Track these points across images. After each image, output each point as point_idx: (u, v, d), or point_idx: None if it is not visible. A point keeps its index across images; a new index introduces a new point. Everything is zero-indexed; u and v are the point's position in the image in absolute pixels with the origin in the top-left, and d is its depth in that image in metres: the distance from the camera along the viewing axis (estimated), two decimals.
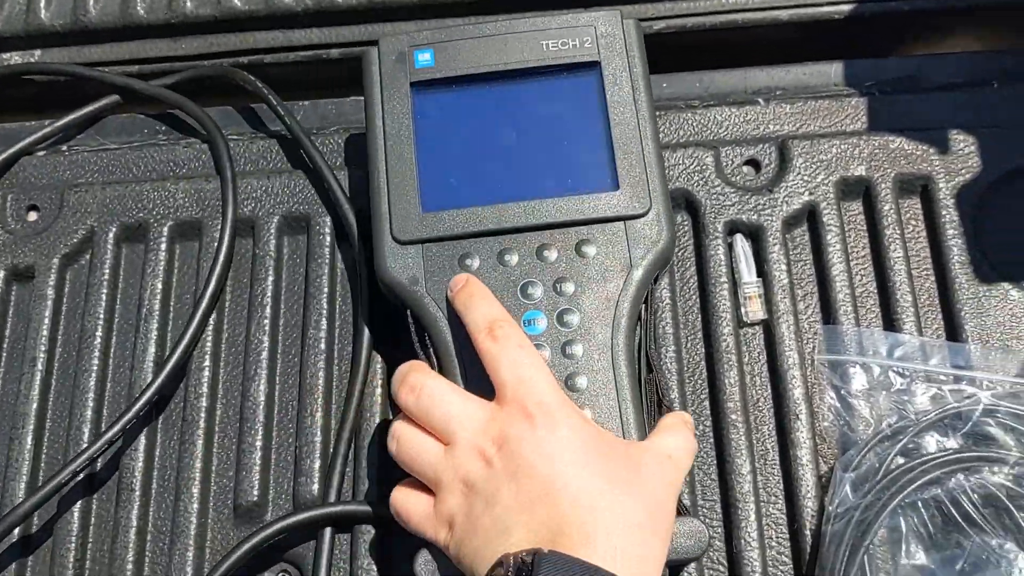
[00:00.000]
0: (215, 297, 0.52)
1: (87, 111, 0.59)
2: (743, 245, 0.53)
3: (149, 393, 0.49)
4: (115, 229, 0.55)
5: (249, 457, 0.50)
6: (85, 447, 0.48)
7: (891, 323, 0.51)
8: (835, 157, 0.54)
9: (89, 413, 0.51)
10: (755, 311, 0.51)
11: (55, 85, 0.62)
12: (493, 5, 0.60)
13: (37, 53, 0.63)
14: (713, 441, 0.49)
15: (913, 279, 0.52)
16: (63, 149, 0.60)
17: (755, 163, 0.55)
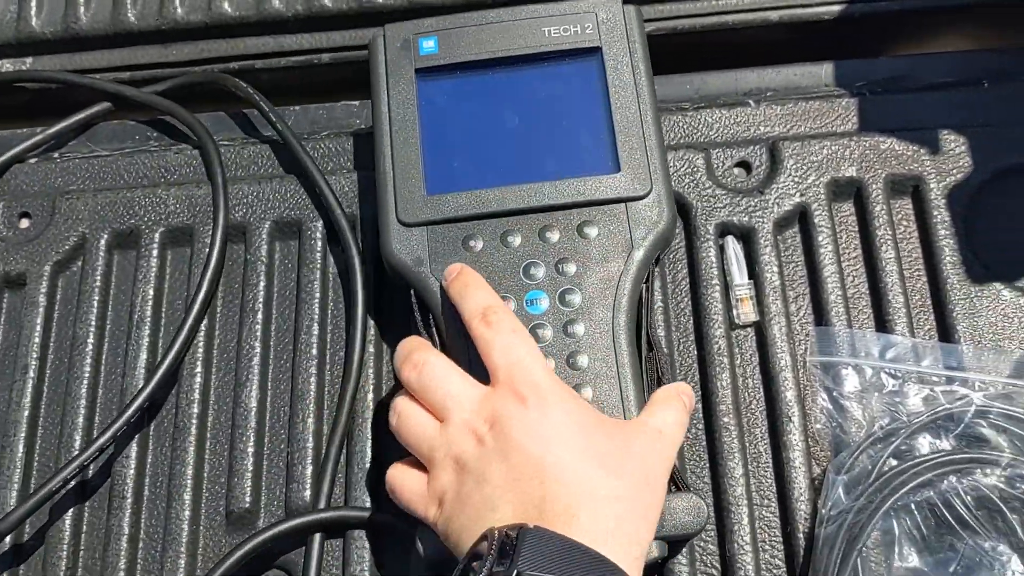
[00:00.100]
0: (206, 303, 0.52)
1: (78, 118, 0.59)
2: (734, 247, 0.53)
3: (140, 400, 0.49)
4: (107, 236, 0.55)
5: (241, 463, 0.50)
6: (76, 454, 0.48)
7: (883, 324, 0.51)
8: (826, 158, 0.54)
9: (81, 420, 0.51)
10: (747, 313, 0.51)
11: (46, 92, 0.62)
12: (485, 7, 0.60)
13: (28, 60, 0.63)
14: (706, 444, 0.49)
15: (905, 280, 0.52)
16: (54, 156, 0.60)
17: (746, 165, 0.55)
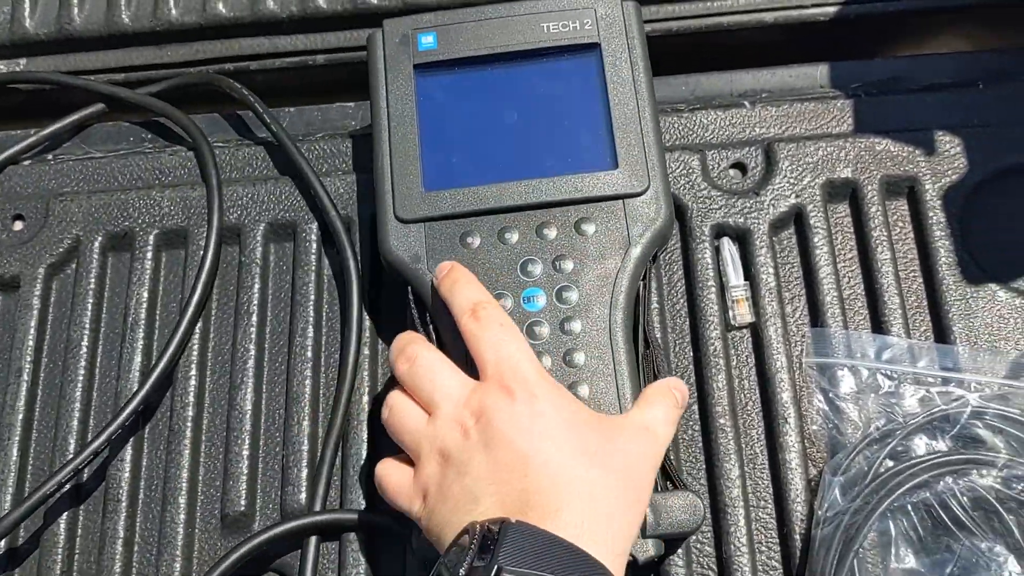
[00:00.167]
0: (201, 305, 0.52)
1: (72, 119, 0.59)
2: (730, 248, 0.53)
3: (135, 403, 0.48)
4: (101, 238, 0.55)
5: (236, 466, 0.49)
6: (71, 457, 0.47)
7: (879, 325, 0.51)
8: (821, 159, 0.54)
9: (75, 423, 0.51)
10: (743, 314, 0.51)
11: (40, 93, 0.62)
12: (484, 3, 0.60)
13: (22, 62, 0.62)
14: (702, 445, 0.49)
15: (901, 281, 0.52)
16: (48, 158, 0.60)
17: (741, 166, 0.55)
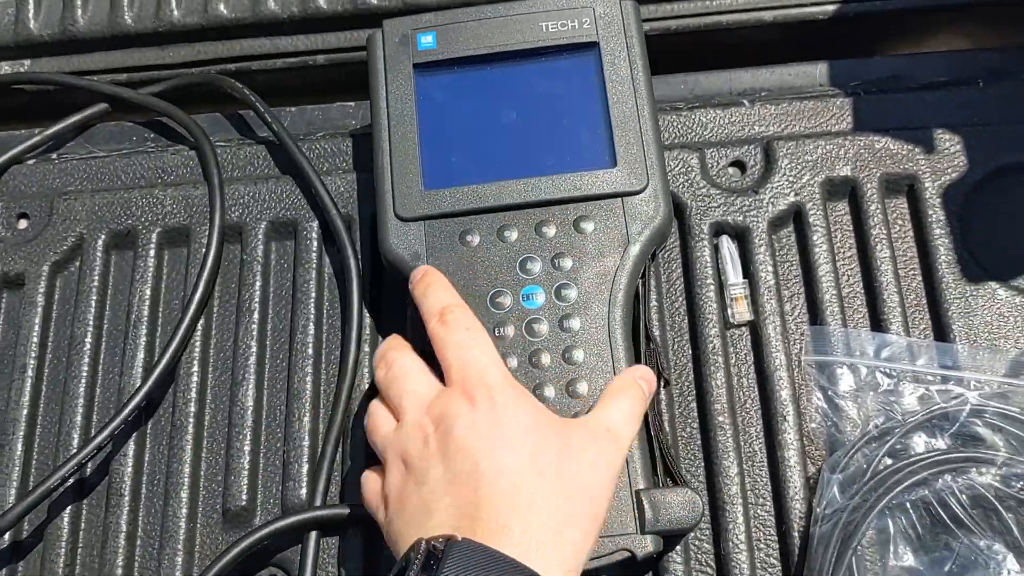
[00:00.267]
0: (203, 303, 0.53)
1: (76, 119, 0.59)
2: (729, 246, 0.53)
3: (138, 399, 0.49)
4: (104, 236, 0.56)
5: (238, 462, 0.50)
6: (75, 452, 0.48)
7: (878, 323, 0.51)
8: (820, 157, 0.54)
9: (79, 419, 0.51)
10: (741, 312, 0.51)
11: (44, 94, 0.62)
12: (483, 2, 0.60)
13: (26, 63, 0.63)
14: (701, 443, 0.49)
15: (900, 279, 0.52)
16: (53, 157, 0.60)
17: (740, 164, 0.55)
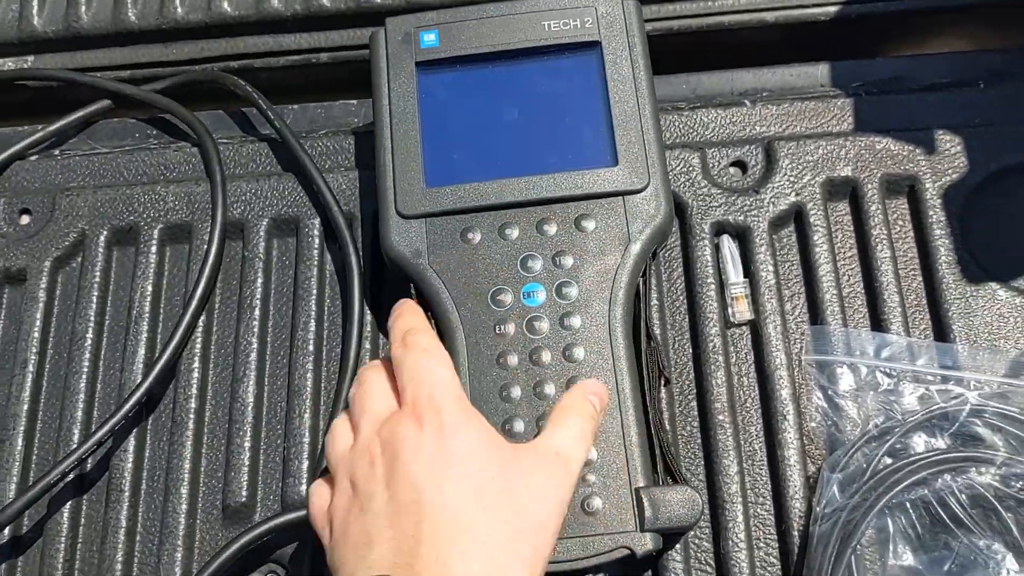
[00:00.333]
0: (204, 299, 0.53)
1: (79, 116, 0.60)
2: (730, 246, 0.53)
3: (138, 394, 0.49)
4: (106, 232, 0.56)
5: (238, 458, 0.50)
6: (75, 448, 0.48)
7: (878, 323, 0.51)
8: (821, 158, 0.54)
9: (79, 414, 0.51)
10: (742, 311, 0.51)
11: (48, 90, 0.63)
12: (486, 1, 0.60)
13: (30, 59, 0.63)
14: (701, 442, 0.49)
15: (900, 279, 0.52)
16: (55, 153, 0.60)
17: (741, 164, 0.55)
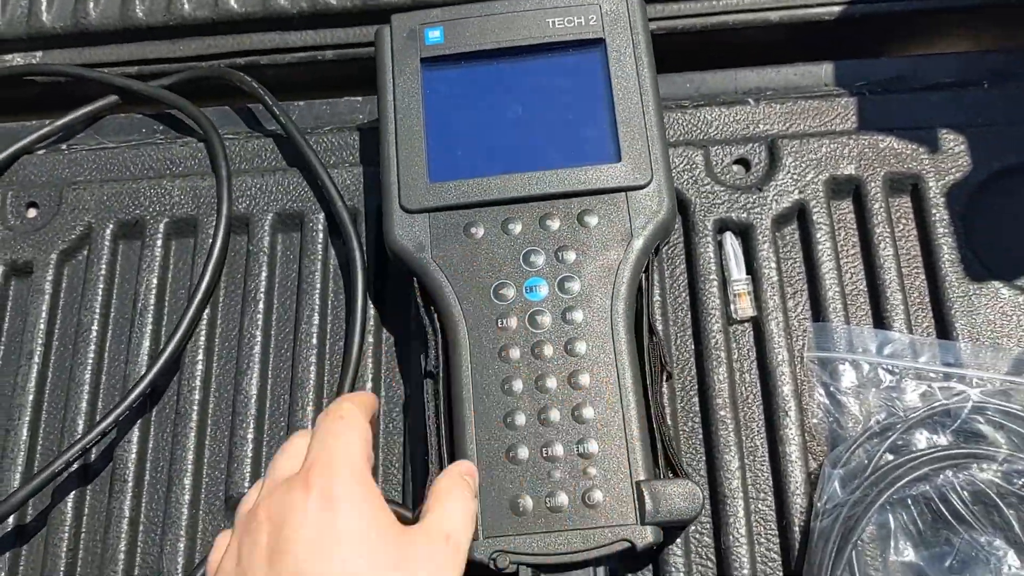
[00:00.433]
0: (209, 292, 0.53)
1: (86, 111, 0.60)
2: (732, 243, 0.53)
3: (143, 385, 0.49)
4: (112, 226, 0.56)
5: (241, 450, 0.50)
6: (79, 437, 0.48)
7: (881, 321, 0.51)
8: (825, 156, 0.54)
9: (84, 405, 0.52)
10: (744, 308, 0.52)
11: (55, 86, 0.63)
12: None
13: (38, 54, 0.64)
14: (702, 437, 0.49)
15: (903, 277, 0.52)
16: (62, 148, 0.61)
17: (745, 162, 0.55)
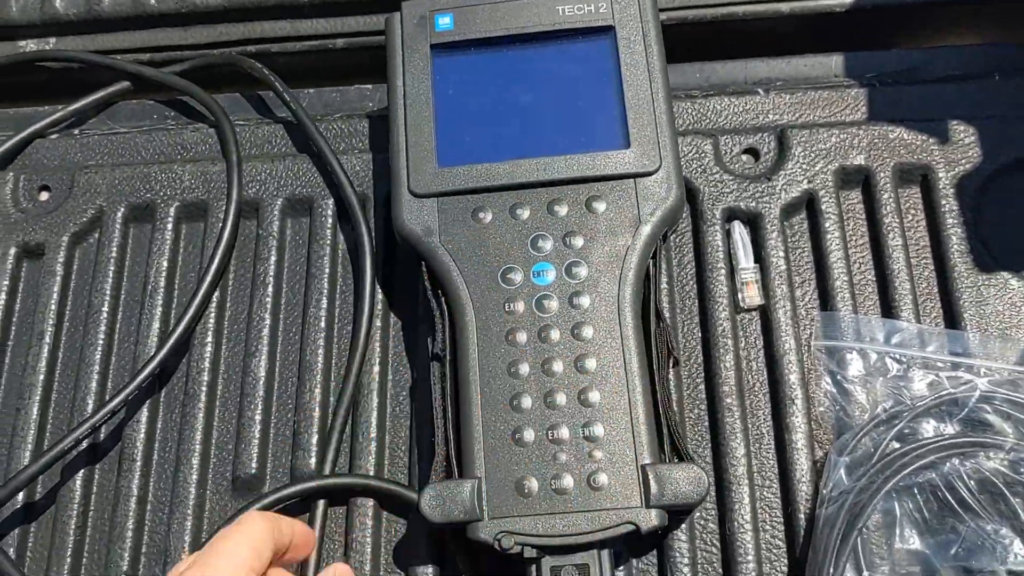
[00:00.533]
0: (219, 275, 0.53)
1: (99, 96, 0.60)
2: (741, 231, 0.53)
3: (152, 365, 0.49)
4: (123, 209, 0.56)
5: (248, 431, 0.50)
6: (88, 416, 0.48)
7: (889, 311, 0.51)
8: (834, 146, 0.54)
9: (94, 385, 0.52)
10: (752, 296, 0.52)
11: (68, 72, 0.63)
12: None
13: (52, 41, 0.64)
14: (708, 425, 0.49)
15: (912, 267, 0.51)
16: (75, 133, 0.61)
17: (754, 152, 0.55)
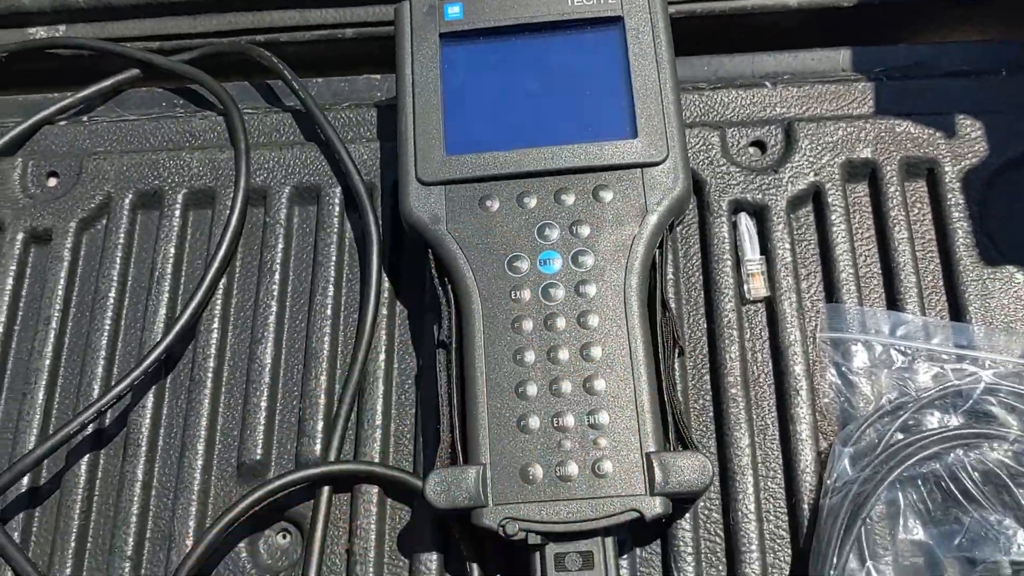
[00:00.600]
0: (226, 262, 0.53)
1: (108, 83, 0.60)
2: (747, 223, 0.53)
3: (158, 351, 0.50)
4: (131, 196, 0.57)
5: (254, 417, 0.50)
6: (94, 401, 0.48)
7: (894, 303, 0.51)
8: (841, 139, 0.55)
9: (100, 371, 0.52)
10: (758, 288, 0.52)
11: (78, 59, 0.63)
12: None
13: (62, 28, 0.64)
14: (713, 415, 0.49)
15: (917, 260, 0.52)
16: (83, 119, 0.61)
17: (761, 144, 0.55)
